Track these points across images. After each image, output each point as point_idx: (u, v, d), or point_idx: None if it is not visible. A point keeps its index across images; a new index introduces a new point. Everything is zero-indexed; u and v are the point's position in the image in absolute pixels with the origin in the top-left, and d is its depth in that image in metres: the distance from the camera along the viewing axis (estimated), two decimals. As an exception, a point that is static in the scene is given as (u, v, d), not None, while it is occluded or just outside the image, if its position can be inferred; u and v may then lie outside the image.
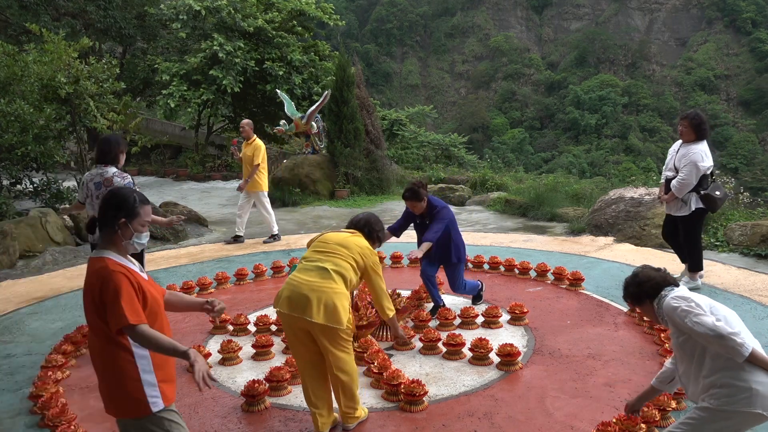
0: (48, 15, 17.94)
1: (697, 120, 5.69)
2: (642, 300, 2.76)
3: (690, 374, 2.66)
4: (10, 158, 8.89)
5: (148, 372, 2.41)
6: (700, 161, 5.52)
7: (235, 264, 7.31)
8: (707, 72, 71.64)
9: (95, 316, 2.38)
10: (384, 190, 13.88)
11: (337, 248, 3.44)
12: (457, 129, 40.21)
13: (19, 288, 6.72)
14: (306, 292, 3.20)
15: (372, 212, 3.94)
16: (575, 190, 11.41)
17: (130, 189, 2.59)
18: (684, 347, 2.65)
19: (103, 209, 2.47)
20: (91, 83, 9.36)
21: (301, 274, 3.33)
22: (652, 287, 2.71)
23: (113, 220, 2.44)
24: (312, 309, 3.15)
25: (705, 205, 5.64)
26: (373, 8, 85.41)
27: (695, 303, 2.58)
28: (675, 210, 5.79)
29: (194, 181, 17.64)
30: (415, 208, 5.06)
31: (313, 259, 3.39)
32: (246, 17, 17.14)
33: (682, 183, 5.58)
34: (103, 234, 2.47)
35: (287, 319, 3.28)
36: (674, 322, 2.62)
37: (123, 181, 4.82)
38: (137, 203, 2.48)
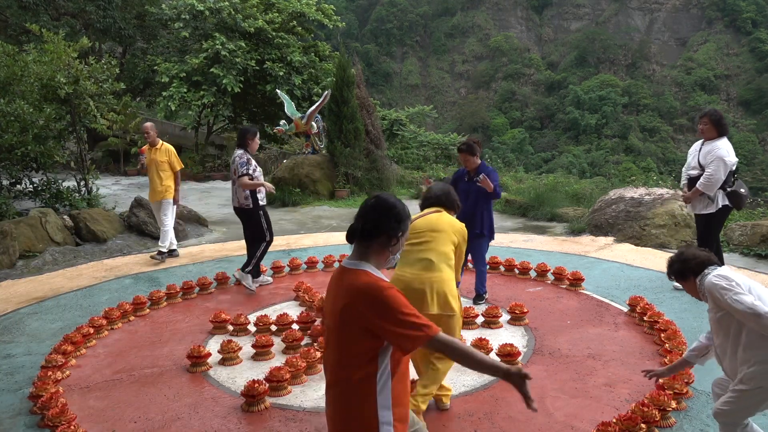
0: (48, 15, 17.95)
1: (717, 116, 5.67)
2: (686, 276, 2.89)
3: (726, 349, 2.81)
4: (10, 158, 8.88)
5: (385, 408, 2.05)
6: (726, 156, 5.49)
7: (235, 264, 7.30)
8: (707, 72, 71.67)
9: (358, 336, 2.02)
10: (384, 190, 13.86)
11: (432, 235, 3.44)
12: (457, 129, 40.20)
13: (19, 288, 6.72)
14: (418, 286, 3.26)
15: (438, 182, 3.93)
16: (575, 190, 11.41)
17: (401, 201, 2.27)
18: (721, 323, 2.80)
19: (378, 219, 2.14)
20: (91, 83, 9.35)
21: (407, 268, 3.35)
22: (697, 264, 2.86)
23: (390, 231, 2.15)
24: (426, 301, 3.22)
25: (731, 203, 5.61)
26: (373, 8, 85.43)
27: (735, 282, 2.71)
28: (700, 208, 5.71)
29: (194, 181, 17.63)
30: (467, 162, 5.41)
31: (413, 251, 3.38)
32: (246, 18, 17.15)
33: (711, 179, 5.52)
34: (368, 244, 2.14)
35: None
36: (714, 299, 2.76)
37: (238, 159, 6.08)
38: (409, 218, 2.25)
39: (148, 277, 7.03)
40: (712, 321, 2.87)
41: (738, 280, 2.73)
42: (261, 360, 4.46)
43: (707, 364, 3.22)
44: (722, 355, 2.86)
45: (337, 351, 2.09)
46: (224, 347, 4.44)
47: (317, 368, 4.21)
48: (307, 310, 5.35)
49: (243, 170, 6.05)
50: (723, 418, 2.85)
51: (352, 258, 2.15)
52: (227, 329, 5.09)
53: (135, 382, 4.16)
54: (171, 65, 16.86)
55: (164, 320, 5.46)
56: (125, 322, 5.40)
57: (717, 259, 2.92)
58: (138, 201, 9.34)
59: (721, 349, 2.86)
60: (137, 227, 9.09)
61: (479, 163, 5.46)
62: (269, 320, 5.04)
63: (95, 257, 8.10)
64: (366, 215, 2.16)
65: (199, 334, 5.05)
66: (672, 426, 3.38)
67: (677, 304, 5.47)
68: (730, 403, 2.79)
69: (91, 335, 4.94)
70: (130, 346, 4.87)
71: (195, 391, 3.99)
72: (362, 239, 2.14)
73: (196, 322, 5.35)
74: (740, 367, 2.74)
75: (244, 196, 6.18)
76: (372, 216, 2.15)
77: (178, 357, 4.54)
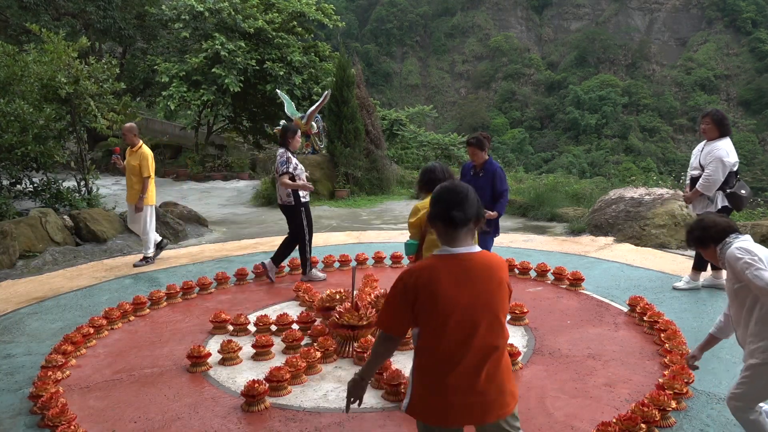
0: (48, 15, 17.95)
1: (719, 116, 5.67)
2: (707, 244, 2.93)
3: (740, 319, 2.89)
4: (10, 158, 8.88)
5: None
6: (725, 157, 5.48)
7: (235, 264, 7.31)
8: (707, 72, 71.69)
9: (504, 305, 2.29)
10: (384, 190, 13.88)
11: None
12: (457, 129, 40.18)
13: (19, 288, 6.72)
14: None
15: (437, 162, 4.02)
16: (575, 190, 11.42)
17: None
18: (738, 294, 2.86)
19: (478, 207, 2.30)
20: (91, 83, 9.35)
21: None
22: (718, 232, 2.89)
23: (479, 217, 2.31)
24: None
25: (731, 204, 5.60)
26: (373, 8, 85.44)
27: (758, 257, 2.74)
28: (700, 208, 5.72)
29: (194, 181, 17.64)
30: (475, 156, 5.48)
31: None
32: (246, 18, 17.15)
33: (709, 180, 5.54)
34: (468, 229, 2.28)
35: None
36: (734, 271, 2.81)
37: (278, 158, 6.36)
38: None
39: (148, 277, 7.03)
40: (729, 291, 2.93)
41: (760, 254, 2.76)
42: (261, 360, 4.46)
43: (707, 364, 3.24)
44: (736, 325, 2.94)
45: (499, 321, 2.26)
46: (224, 347, 4.44)
47: (317, 368, 4.21)
48: (307, 310, 5.34)
49: (283, 169, 6.27)
50: (736, 402, 2.87)
51: (463, 245, 2.26)
52: (227, 329, 5.08)
53: (135, 382, 4.16)
54: (171, 65, 16.87)
55: (164, 320, 5.46)
56: (125, 322, 5.40)
57: (737, 226, 2.95)
58: (138, 201, 9.34)
59: (735, 318, 2.94)
60: (137, 227, 9.09)
61: (487, 158, 5.53)
62: (269, 320, 5.04)
63: (95, 257, 8.11)
64: (467, 205, 2.26)
65: (199, 334, 5.05)
66: (672, 426, 3.38)
67: (677, 304, 5.47)
68: (743, 384, 2.83)
69: (91, 335, 4.94)
70: (130, 346, 4.87)
71: (195, 391, 4.00)
72: (466, 226, 2.26)
73: (196, 322, 5.35)
74: (751, 339, 2.80)
75: (286, 194, 6.41)
76: (476, 205, 2.29)
77: (178, 357, 4.54)
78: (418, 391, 2.27)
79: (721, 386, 3.79)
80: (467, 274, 2.22)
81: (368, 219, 11.02)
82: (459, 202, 2.25)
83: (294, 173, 6.31)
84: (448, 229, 2.25)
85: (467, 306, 2.19)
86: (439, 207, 2.27)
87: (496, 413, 2.27)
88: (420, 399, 2.27)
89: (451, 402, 2.21)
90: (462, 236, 2.25)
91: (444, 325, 2.19)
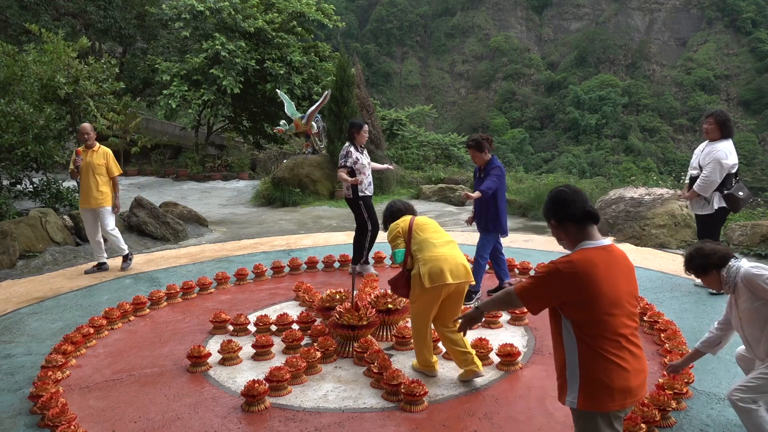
0: (48, 15, 17.96)
1: (723, 117, 5.64)
2: (708, 270, 3.07)
3: (761, 336, 2.98)
4: (10, 158, 8.89)
5: None
6: (723, 159, 5.47)
7: (235, 264, 7.31)
8: (707, 72, 71.66)
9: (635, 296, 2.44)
10: (384, 190, 13.87)
11: (437, 226, 4.15)
12: (457, 129, 40.20)
13: (19, 288, 6.72)
14: (461, 261, 3.92)
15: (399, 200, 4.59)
16: (575, 190, 11.40)
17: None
18: (759, 311, 2.97)
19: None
20: (91, 83, 9.36)
21: (444, 249, 3.94)
22: (719, 259, 3.04)
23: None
24: (466, 273, 3.91)
25: (728, 205, 5.59)
26: (373, 8, 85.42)
27: None
28: (698, 208, 5.75)
29: (194, 181, 17.65)
30: (475, 158, 5.70)
31: (437, 237, 4.02)
32: (246, 18, 17.15)
33: (706, 181, 5.55)
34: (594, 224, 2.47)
35: (446, 287, 3.83)
36: (755, 288, 2.93)
37: (341, 152, 6.62)
38: None
39: (148, 277, 7.03)
40: (747, 310, 2.99)
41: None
42: (261, 360, 4.46)
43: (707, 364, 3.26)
44: (755, 343, 3.01)
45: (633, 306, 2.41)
46: (224, 347, 4.44)
47: (317, 368, 4.21)
48: (307, 310, 5.34)
49: (341, 162, 6.53)
50: (744, 394, 2.94)
51: (600, 238, 2.46)
52: (227, 329, 5.08)
53: (135, 382, 4.16)
54: (172, 64, 16.87)
55: (164, 320, 5.46)
56: (125, 322, 5.40)
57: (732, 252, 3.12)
58: (138, 201, 9.34)
59: (753, 337, 3.01)
60: (137, 227, 9.09)
61: (489, 158, 5.61)
62: (269, 320, 5.04)
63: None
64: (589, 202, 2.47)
65: (199, 334, 5.05)
66: (672, 426, 3.38)
67: (677, 304, 5.47)
68: (760, 378, 2.94)
69: (91, 335, 4.94)
70: (130, 346, 4.87)
71: (195, 391, 4.00)
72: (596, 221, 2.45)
73: (196, 322, 5.35)
74: None
75: (346, 187, 6.56)
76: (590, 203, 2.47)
77: (178, 357, 4.54)
78: (592, 381, 2.30)
79: (721, 386, 3.79)
80: (615, 262, 2.39)
81: (368, 219, 11.01)
82: (587, 200, 2.45)
83: (354, 167, 6.45)
84: (586, 225, 2.42)
85: (622, 292, 2.35)
86: (573, 207, 2.41)
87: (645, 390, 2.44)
88: (598, 389, 2.30)
89: (632, 385, 2.32)
90: (596, 230, 2.45)
91: (607, 314, 2.30)
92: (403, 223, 4.16)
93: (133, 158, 19.44)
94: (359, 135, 6.60)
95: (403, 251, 4.02)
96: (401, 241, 4.08)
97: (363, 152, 6.67)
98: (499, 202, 5.58)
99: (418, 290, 3.87)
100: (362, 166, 6.52)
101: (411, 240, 4.01)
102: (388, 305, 4.75)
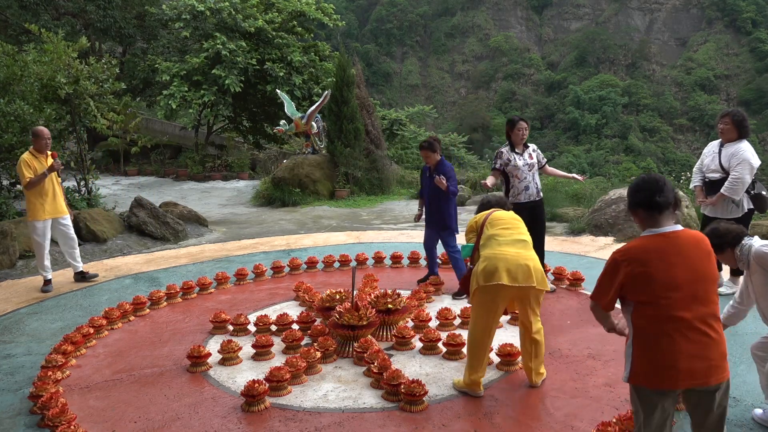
0: (48, 15, 17.96)
1: (740, 117, 5.45)
2: (724, 248, 3.24)
3: None
4: (10, 158, 8.89)
5: None
6: (752, 158, 5.27)
7: (235, 264, 7.31)
8: (707, 72, 71.62)
9: (714, 273, 2.51)
10: (384, 190, 13.88)
11: (515, 223, 3.90)
12: (457, 129, 40.17)
13: (19, 288, 6.72)
14: (522, 262, 3.61)
15: (492, 194, 4.43)
16: (575, 190, 11.41)
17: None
18: None
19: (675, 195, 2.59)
20: (91, 83, 9.35)
21: (508, 248, 3.68)
22: (734, 237, 3.23)
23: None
24: (532, 276, 3.60)
25: (755, 206, 5.43)
26: (373, 8, 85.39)
27: None
28: (724, 212, 5.43)
29: (194, 181, 17.66)
30: (428, 159, 5.86)
31: (506, 235, 3.78)
32: (246, 18, 17.15)
33: (737, 182, 5.28)
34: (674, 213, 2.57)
35: (503, 290, 3.60)
36: (765, 264, 3.14)
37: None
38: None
39: (148, 277, 7.03)
40: (759, 285, 3.21)
41: None
42: (261, 360, 4.46)
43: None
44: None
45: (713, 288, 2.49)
46: (224, 347, 4.44)
47: (317, 368, 4.21)
48: (307, 310, 5.34)
49: (492, 164, 5.96)
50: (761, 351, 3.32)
51: (667, 225, 2.54)
52: (227, 329, 5.09)
53: (135, 382, 4.16)
54: (172, 64, 16.88)
55: (164, 320, 5.46)
56: (125, 322, 5.40)
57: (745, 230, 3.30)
58: (138, 201, 9.34)
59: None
60: (137, 227, 9.10)
61: (439, 159, 5.89)
62: (269, 320, 5.04)
63: (95, 257, 8.11)
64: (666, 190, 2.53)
65: (199, 334, 5.05)
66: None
67: (677, 304, 5.46)
68: None
69: (91, 335, 4.94)
70: (130, 346, 4.87)
71: (195, 391, 4.00)
72: (668, 209, 2.53)
73: (196, 322, 5.35)
74: None
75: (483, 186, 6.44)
76: (672, 192, 2.57)
77: (178, 357, 4.54)
78: (640, 359, 2.47)
79: (721, 386, 3.79)
80: (676, 249, 2.47)
81: (368, 219, 11.02)
82: (660, 189, 2.50)
83: (504, 169, 5.71)
84: (653, 213, 2.52)
85: (682, 278, 2.42)
86: (642, 195, 2.53)
87: (717, 377, 2.44)
88: (644, 367, 2.47)
89: (679, 367, 2.40)
90: (665, 218, 2.52)
91: (661, 297, 2.42)
92: (480, 216, 3.97)
93: (133, 158, 19.45)
94: (513, 132, 5.74)
95: (471, 246, 3.90)
96: (473, 235, 3.94)
97: (523, 153, 5.74)
98: (451, 201, 5.92)
99: (473, 288, 3.72)
100: (515, 168, 5.66)
101: (481, 235, 3.85)
102: (388, 305, 4.75)
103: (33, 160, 6.38)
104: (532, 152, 5.79)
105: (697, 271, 2.46)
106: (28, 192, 6.40)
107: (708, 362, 2.42)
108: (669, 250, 2.47)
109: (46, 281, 6.63)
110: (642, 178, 2.62)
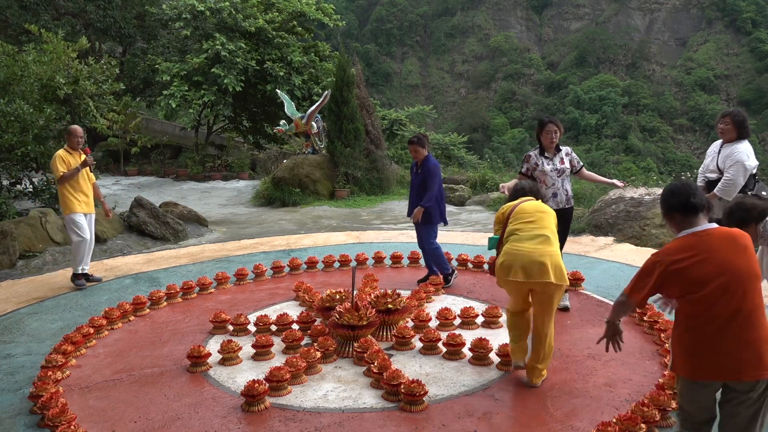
0: (48, 15, 17.97)
1: (740, 117, 5.42)
2: (748, 223, 3.26)
3: None
4: (10, 158, 8.89)
5: None
6: (746, 160, 5.25)
7: (235, 264, 7.31)
8: (707, 72, 71.61)
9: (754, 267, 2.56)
10: (384, 190, 13.87)
11: (540, 215, 3.86)
12: (457, 129, 40.16)
13: (19, 288, 6.72)
14: (538, 258, 3.63)
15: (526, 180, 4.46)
16: (575, 190, 11.41)
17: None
18: None
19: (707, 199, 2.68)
20: (91, 83, 9.36)
21: (525, 243, 3.70)
22: (759, 213, 3.28)
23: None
24: (549, 272, 3.62)
25: None
26: (373, 8, 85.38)
27: None
28: (719, 212, 5.37)
29: (194, 181, 17.66)
30: (416, 154, 5.99)
31: (527, 229, 3.77)
32: (246, 18, 17.15)
33: (729, 184, 5.27)
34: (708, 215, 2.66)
35: (520, 285, 3.71)
36: None
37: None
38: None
39: (148, 277, 7.03)
40: None
41: None
42: (261, 360, 4.45)
43: None
44: None
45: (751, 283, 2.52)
46: (224, 347, 4.44)
47: (317, 368, 4.21)
48: (307, 310, 5.34)
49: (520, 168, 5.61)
50: None
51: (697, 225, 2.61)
52: (227, 329, 5.09)
53: (135, 382, 4.16)
54: (172, 64, 16.88)
55: (164, 320, 5.46)
56: (125, 322, 5.40)
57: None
58: (138, 201, 9.34)
59: None
60: (137, 227, 9.10)
61: (426, 154, 6.03)
62: (269, 320, 5.04)
63: (95, 257, 8.08)
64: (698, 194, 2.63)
65: (199, 334, 5.05)
66: (672, 426, 3.38)
67: (677, 304, 5.46)
68: None
69: (91, 335, 4.94)
70: (130, 346, 4.87)
71: (195, 391, 4.00)
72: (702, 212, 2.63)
73: (196, 322, 5.35)
74: None
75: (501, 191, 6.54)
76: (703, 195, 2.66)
77: (178, 357, 4.54)
78: (682, 352, 2.61)
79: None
80: (708, 245, 2.54)
81: (368, 219, 11.02)
82: (693, 192, 2.62)
83: (529, 174, 5.28)
84: (688, 216, 2.61)
85: (713, 272, 2.48)
86: (677, 199, 2.63)
87: (751, 373, 2.47)
88: (682, 359, 2.61)
89: (719, 360, 2.49)
90: (699, 220, 2.61)
91: (698, 293, 2.50)
92: (507, 208, 3.96)
93: (133, 158, 19.45)
94: (542, 134, 5.24)
95: (496, 239, 3.93)
96: (499, 227, 3.96)
97: (553, 158, 5.25)
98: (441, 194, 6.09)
99: (497, 280, 3.88)
100: (542, 174, 5.21)
101: (506, 227, 3.86)
102: (388, 305, 4.75)
103: (68, 156, 6.64)
104: (564, 157, 5.27)
105: (729, 265, 2.50)
106: (61, 187, 6.59)
107: (743, 356, 2.46)
108: (701, 247, 2.55)
109: (80, 275, 6.66)
110: (674, 184, 2.72)
